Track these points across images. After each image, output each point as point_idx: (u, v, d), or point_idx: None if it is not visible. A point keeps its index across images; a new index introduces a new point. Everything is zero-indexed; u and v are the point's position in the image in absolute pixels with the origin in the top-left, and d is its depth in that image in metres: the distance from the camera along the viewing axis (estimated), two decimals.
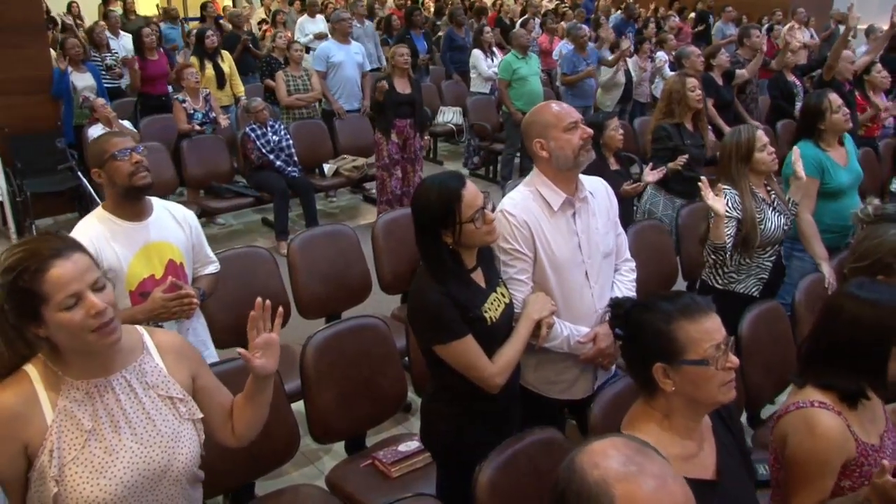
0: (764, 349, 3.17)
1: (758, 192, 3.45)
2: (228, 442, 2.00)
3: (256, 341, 1.87)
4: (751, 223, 3.34)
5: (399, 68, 6.35)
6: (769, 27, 10.81)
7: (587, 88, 8.06)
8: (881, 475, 1.79)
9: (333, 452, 3.65)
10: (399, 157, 6.52)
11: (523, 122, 2.64)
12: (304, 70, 7.43)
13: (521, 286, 2.51)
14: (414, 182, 6.62)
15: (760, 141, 3.43)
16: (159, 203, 2.87)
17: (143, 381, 1.79)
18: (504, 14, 13.37)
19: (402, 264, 4.07)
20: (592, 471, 1.19)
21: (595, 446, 1.24)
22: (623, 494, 1.16)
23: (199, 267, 3.00)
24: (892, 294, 2.03)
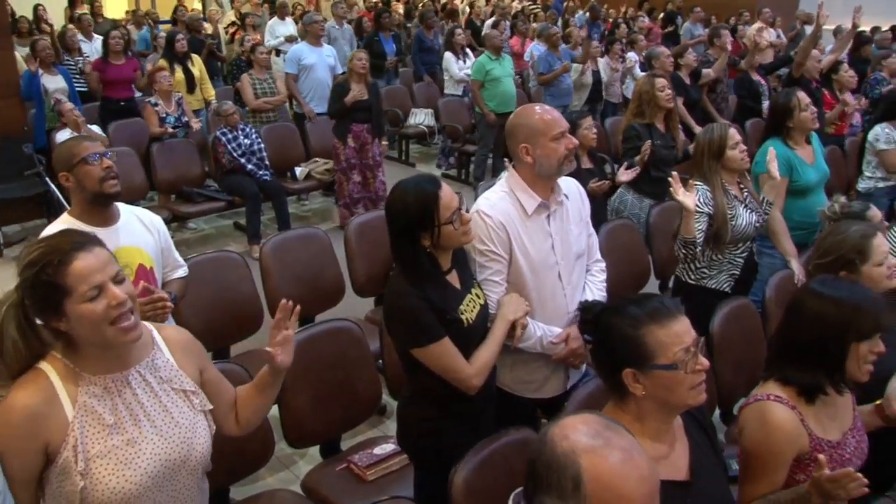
0: (735, 346, 3.20)
1: (730, 190, 3.49)
2: (232, 431, 2.08)
3: (277, 339, 1.95)
4: (722, 219, 3.38)
5: (356, 73, 6.34)
6: (734, 27, 10.94)
7: (564, 88, 8.10)
8: (819, 470, 1.83)
9: (309, 457, 3.63)
10: (357, 162, 6.53)
11: (509, 124, 2.62)
12: (269, 73, 7.39)
13: (496, 287, 2.52)
14: (375, 187, 6.64)
15: (733, 139, 3.47)
16: (126, 208, 2.86)
17: (157, 376, 1.84)
18: (475, 16, 13.39)
19: (376, 267, 4.06)
20: (562, 442, 1.25)
21: (567, 421, 1.29)
22: (589, 465, 1.22)
23: (168, 271, 2.99)
24: (852, 291, 2.06)
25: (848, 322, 1.98)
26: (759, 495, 2.00)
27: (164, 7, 13.06)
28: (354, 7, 13.17)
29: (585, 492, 1.21)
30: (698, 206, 3.31)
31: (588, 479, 1.21)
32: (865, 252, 2.46)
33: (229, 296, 3.65)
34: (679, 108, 6.67)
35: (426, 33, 9.74)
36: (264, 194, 6.37)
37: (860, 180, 5.52)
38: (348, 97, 6.27)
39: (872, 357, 2.02)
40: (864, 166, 5.48)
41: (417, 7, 12.83)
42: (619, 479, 1.22)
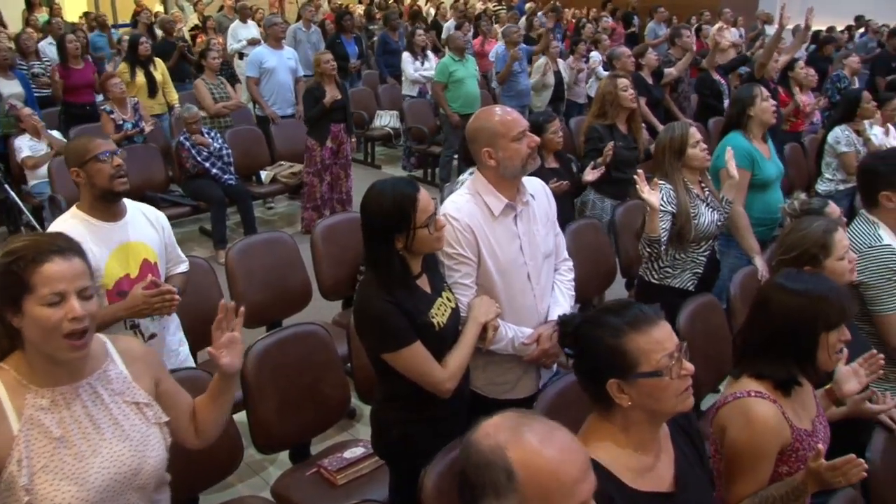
0: (701, 342, 3.22)
1: (692, 188, 3.53)
2: (191, 443, 2.04)
3: (221, 341, 1.92)
4: (685, 217, 3.41)
5: (327, 75, 6.34)
6: (697, 27, 11.07)
7: (522, 88, 8.12)
8: (816, 460, 1.85)
9: (278, 462, 3.60)
10: (331, 163, 6.54)
11: (469, 128, 2.62)
12: (220, 78, 7.28)
13: (466, 290, 2.52)
14: (345, 187, 6.65)
15: (693, 137, 3.50)
16: (132, 205, 2.92)
17: (109, 388, 1.80)
18: (441, 17, 13.42)
19: (342, 270, 4.05)
20: (485, 441, 1.28)
21: (483, 423, 1.32)
22: (516, 454, 1.25)
23: (171, 266, 3.04)
24: (817, 284, 2.09)
25: (817, 313, 2.02)
26: (748, 494, 2.01)
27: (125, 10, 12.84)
28: (320, 9, 13.13)
29: (519, 480, 1.23)
30: (662, 204, 3.34)
31: (518, 466, 1.24)
32: (828, 247, 2.50)
33: (195, 302, 3.59)
34: (642, 107, 6.74)
35: (391, 35, 9.73)
36: (230, 199, 6.32)
37: (820, 182, 5.58)
38: (327, 99, 6.27)
39: (841, 345, 2.06)
40: (823, 168, 5.55)
41: (379, 10, 12.80)
42: (547, 458, 1.25)
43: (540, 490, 1.24)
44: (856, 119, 5.45)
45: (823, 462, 1.84)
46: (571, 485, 1.25)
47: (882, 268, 2.79)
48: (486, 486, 1.26)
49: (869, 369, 2.28)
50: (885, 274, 2.79)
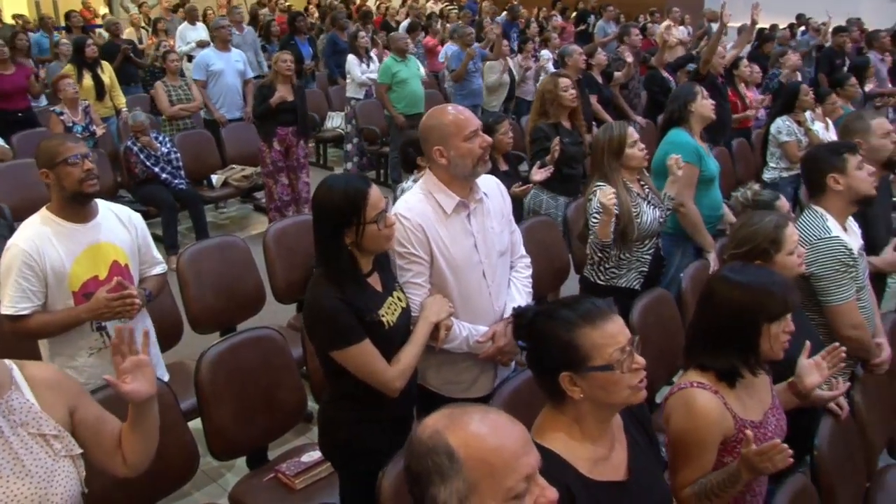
0: (655, 336, 3.27)
1: (632, 188, 3.55)
2: (120, 472, 1.91)
3: (123, 366, 1.79)
4: (627, 217, 3.44)
5: (282, 75, 6.29)
6: (645, 25, 11.22)
7: (475, 88, 8.15)
8: (746, 446, 1.89)
9: (236, 468, 3.56)
10: (283, 164, 6.50)
11: (421, 126, 2.61)
12: (183, 80, 7.23)
13: (418, 289, 2.52)
14: (300, 189, 6.61)
15: (631, 137, 3.52)
16: (104, 205, 2.89)
17: (11, 420, 1.68)
18: (390, 17, 13.38)
19: (296, 272, 4.02)
20: (424, 432, 1.31)
21: (423, 420, 1.35)
22: (455, 437, 1.28)
23: (145, 268, 3.00)
24: (759, 276, 2.13)
25: (758, 305, 2.05)
26: (691, 481, 2.05)
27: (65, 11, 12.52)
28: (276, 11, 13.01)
29: (462, 460, 1.26)
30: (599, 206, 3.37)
31: (458, 447, 1.27)
32: (779, 242, 2.53)
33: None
34: (594, 105, 6.82)
35: (340, 36, 9.68)
36: (180, 203, 6.24)
37: (766, 170, 5.79)
38: (274, 98, 6.21)
39: (786, 336, 2.09)
40: (768, 157, 5.77)
41: (329, 10, 12.73)
42: (486, 436, 1.28)
43: (483, 467, 1.26)
44: (795, 110, 5.64)
45: (752, 448, 1.88)
46: (513, 459, 1.27)
47: (831, 259, 2.84)
48: (430, 473, 1.27)
49: (831, 362, 2.32)
50: (834, 265, 2.84)
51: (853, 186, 2.94)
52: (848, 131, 3.63)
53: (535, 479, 1.30)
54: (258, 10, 12.60)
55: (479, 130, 2.53)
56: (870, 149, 3.44)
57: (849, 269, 2.85)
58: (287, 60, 6.32)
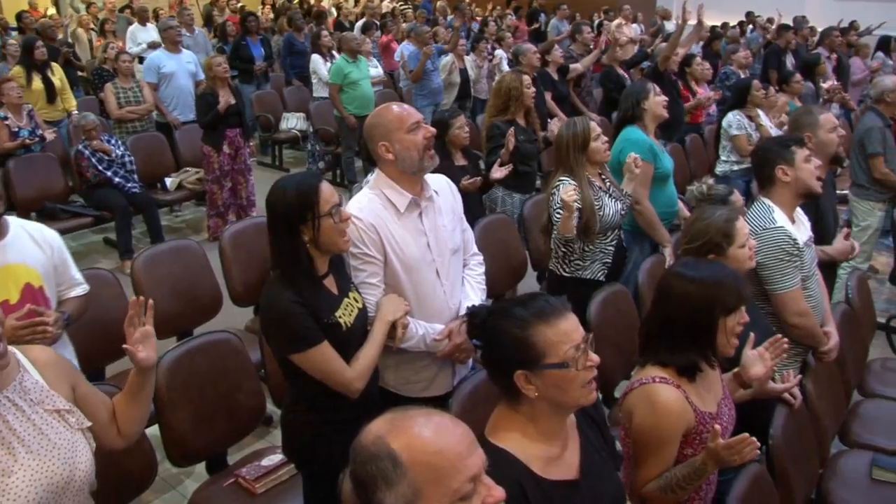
0: (612, 331, 3.31)
1: (594, 181, 3.60)
2: (115, 444, 2.04)
3: (135, 336, 1.94)
4: (590, 210, 3.48)
5: (220, 79, 6.23)
6: (599, 23, 11.33)
7: (435, 87, 8.16)
8: (714, 439, 1.92)
9: (195, 474, 3.52)
10: (230, 168, 6.45)
11: (365, 126, 2.62)
12: (134, 81, 7.11)
13: (373, 289, 2.52)
14: (247, 192, 6.55)
15: (595, 131, 3.58)
16: (17, 223, 2.70)
17: (28, 399, 1.78)
18: (344, 17, 13.33)
19: (252, 275, 3.98)
20: (367, 439, 1.29)
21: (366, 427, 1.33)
22: (398, 442, 1.27)
23: (64, 289, 2.80)
24: (713, 270, 2.17)
25: (714, 298, 2.09)
26: (654, 476, 2.07)
27: (11, 12, 12.16)
28: (225, 10, 12.86)
29: (406, 464, 1.25)
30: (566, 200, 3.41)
31: (401, 451, 1.26)
32: (731, 235, 2.57)
33: (100, 315, 3.48)
34: (549, 102, 6.87)
35: (296, 36, 9.62)
36: (134, 207, 6.14)
37: (718, 164, 5.91)
38: (221, 104, 6.15)
39: (739, 328, 2.13)
40: (720, 151, 5.89)
41: (287, 10, 12.62)
42: (429, 438, 1.27)
43: (428, 470, 1.25)
44: (747, 105, 5.75)
45: (720, 441, 1.91)
46: (458, 460, 1.27)
47: (775, 248, 2.91)
48: (376, 479, 1.26)
49: (774, 353, 2.37)
50: (779, 255, 2.91)
51: (801, 178, 3.01)
52: (797, 126, 3.71)
53: (481, 480, 1.29)
54: (212, 11, 12.43)
55: (422, 122, 2.55)
56: (818, 143, 3.53)
57: (793, 258, 2.91)
58: (222, 64, 6.28)
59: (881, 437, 3.28)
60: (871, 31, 11.80)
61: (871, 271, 5.93)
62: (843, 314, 3.41)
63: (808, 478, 2.81)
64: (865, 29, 11.96)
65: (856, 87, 9.18)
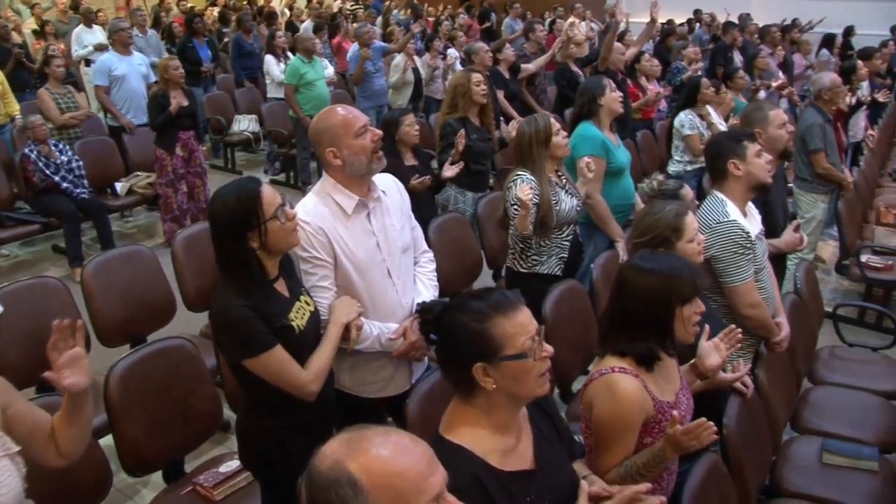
0: (568, 326, 3.34)
1: (551, 177, 3.63)
2: (55, 463, 1.95)
3: (60, 361, 1.82)
4: (547, 206, 3.51)
5: (174, 81, 6.14)
6: (552, 21, 11.40)
7: (378, 89, 8.12)
8: (673, 425, 1.95)
9: (152, 483, 3.47)
10: (184, 172, 6.35)
11: (311, 130, 2.61)
12: (66, 87, 6.88)
13: (325, 292, 2.51)
14: (204, 195, 6.47)
15: (555, 126, 3.62)
16: None
17: None
18: (295, 18, 13.23)
19: (206, 280, 3.93)
20: (324, 463, 1.23)
21: (319, 451, 1.27)
22: (356, 465, 1.21)
23: None
24: (669, 262, 2.21)
25: (670, 289, 2.12)
26: (615, 464, 2.10)
27: None
28: (171, 12, 12.69)
29: (366, 488, 1.20)
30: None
31: (361, 475, 1.21)
32: (680, 230, 2.62)
33: (49, 325, 3.41)
34: (501, 101, 6.89)
35: (245, 38, 9.52)
36: (83, 213, 6.03)
37: (670, 164, 5.96)
38: (173, 106, 6.06)
39: (697, 318, 2.17)
40: (672, 151, 5.94)
41: (233, 11, 12.48)
42: (388, 459, 1.23)
43: (389, 492, 1.21)
44: (698, 104, 5.81)
45: (679, 427, 1.94)
46: (420, 480, 1.24)
47: (728, 242, 2.96)
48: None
49: (729, 343, 2.41)
50: (732, 248, 2.96)
51: (752, 173, 3.06)
52: (748, 122, 3.77)
53: (443, 497, 1.27)
54: (159, 12, 12.24)
55: (368, 125, 2.54)
56: (768, 138, 3.60)
57: (746, 251, 2.97)
58: (177, 67, 6.19)
59: (830, 422, 3.36)
60: (812, 28, 12.09)
61: (817, 262, 6.07)
62: (792, 304, 3.49)
63: (761, 465, 2.87)
64: (807, 25, 12.23)
65: (797, 82, 9.38)
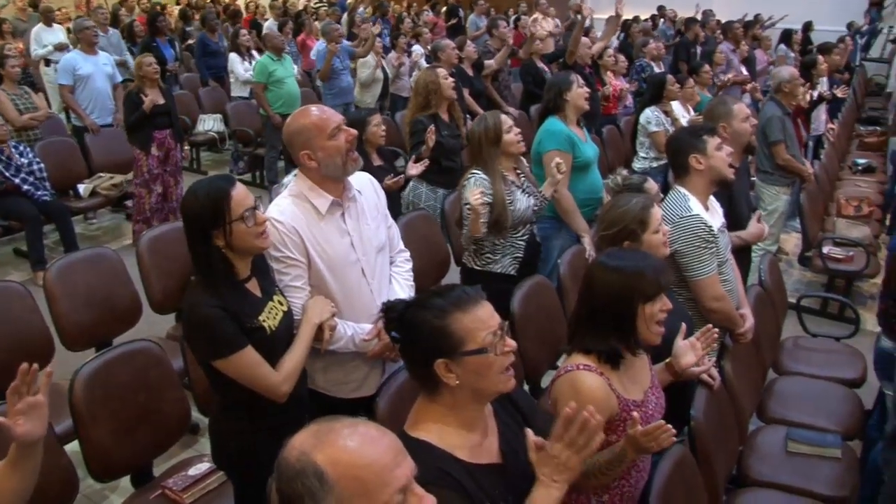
0: (536, 322, 3.36)
1: (507, 176, 3.63)
2: None
3: (18, 406, 1.70)
4: (501, 206, 3.51)
5: (149, 79, 6.07)
6: (516, 18, 11.44)
7: (345, 86, 8.08)
8: (633, 427, 1.96)
9: (121, 489, 3.43)
10: (160, 172, 6.28)
11: (285, 132, 2.59)
12: (21, 88, 6.73)
13: (299, 293, 2.50)
14: (177, 195, 6.40)
15: (506, 124, 3.61)
16: None
17: None
18: (259, 16, 13.13)
19: (172, 281, 3.89)
20: (291, 454, 1.26)
21: (289, 442, 1.29)
22: (323, 456, 1.23)
23: None
24: (634, 260, 2.22)
25: (633, 287, 2.14)
26: None
27: None
28: (134, 10, 12.50)
29: (332, 479, 1.22)
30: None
31: (327, 466, 1.23)
32: (645, 222, 2.64)
33: (12, 330, 3.37)
34: (466, 98, 6.90)
35: (210, 36, 9.43)
36: (46, 216, 5.92)
37: (636, 160, 6.00)
38: (146, 104, 5.98)
39: (662, 315, 2.18)
40: (638, 147, 5.99)
41: (196, 10, 12.35)
42: (354, 451, 1.25)
43: (355, 484, 1.23)
44: (663, 100, 5.86)
45: (639, 429, 1.95)
46: (385, 472, 1.25)
47: (692, 236, 2.99)
48: (302, 497, 1.23)
49: (705, 343, 2.44)
50: (695, 242, 2.99)
51: (713, 167, 3.10)
52: (712, 116, 3.81)
53: (411, 490, 1.28)
54: (118, 11, 12.06)
55: (342, 125, 2.52)
56: (733, 132, 3.64)
57: (709, 245, 3.00)
58: (151, 63, 6.09)
59: (795, 411, 3.42)
60: (774, 24, 12.25)
61: (780, 254, 6.17)
62: (756, 296, 3.54)
63: (728, 455, 2.91)
64: (768, 20, 12.40)
65: (759, 77, 9.51)
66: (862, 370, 3.76)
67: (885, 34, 13.65)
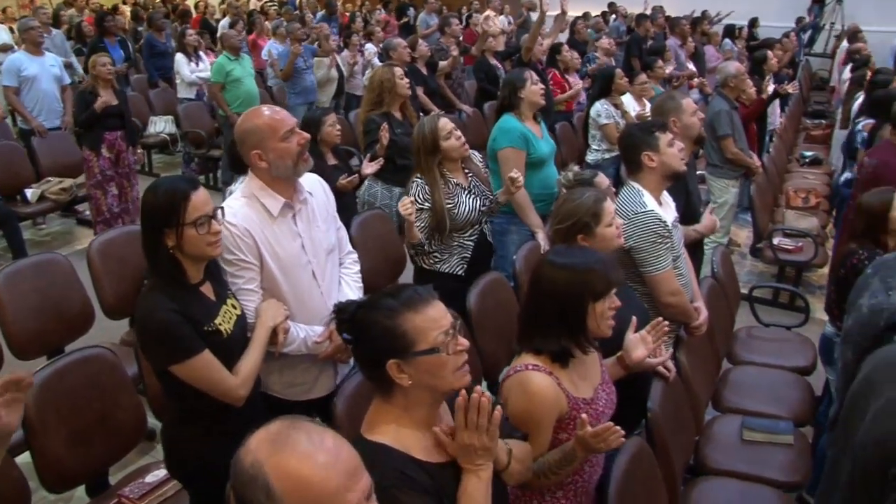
0: (493, 319, 3.36)
1: (453, 178, 3.62)
2: None
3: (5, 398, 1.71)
4: (440, 213, 3.51)
5: (103, 79, 5.96)
6: (468, 16, 11.46)
7: (308, 85, 8.04)
8: (581, 427, 1.98)
9: (75, 499, 3.36)
10: (112, 173, 6.17)
11: (236, 131, 2.57)
12: None
13: (252, 295, 2.48)
14: (132, 197, 6.29)
15: (444, 129, 3.58)
16: None
17: None
18: (209, 16, 12.97)
19: (125, 285, 3.82)
20: (247, 458, 1.24)
21: (251, 436, 1.27)
22: (273, 470, 1.21)
23: None
24: (584, 258, 2.22)
25: (582, 285, 2.14)
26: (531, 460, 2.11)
27: None
28: (84, 11, 12.27)
29: (278, 497, 1.20)
30: (418, 201, 3.45)
31: (276, 482, 1.20)
32: (598, 215, 2.66)
33: None
34: (421, 97, 6.90)
35: (157, 37, 9.28)
36: None
37: (588, 153, 6.07)
38: (98, 103, 5.86)
39: (611, 312, 2.19)
40: (590, 140, 6.04)
41: (144, 10, 12.15)
42: (306, 472, 1.21)
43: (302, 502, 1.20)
44: (612, 94, 5.92)
45: (588, 429, 1.97)
46: (337, 495, 1.22)
47: (647, 231, 3.01)
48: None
49: (655, 336, 2.46)
50: (650, 237, 3.01)
51: (666, 162, 3.14)
52: (661, 111, 3.85)
53: None
54: (61, 11, 11.81)
55: (295, 128, 2.51)
56: (682, 127, 3.69)
57: (664, 239, 3.03)
58: (106, 63, 5.99)
59: (749, 400, 3.49)
60: (721, 20, 12.47)
61: (732, 246, 6.28)
62: (710, 288, 3.59)
63: (685, 445, 2.95)
64: (716, 17, 12.62)
65: (711, 73, 9.67)
66: (812, 358, 3.85)
67: (827, 30, 13.96)
